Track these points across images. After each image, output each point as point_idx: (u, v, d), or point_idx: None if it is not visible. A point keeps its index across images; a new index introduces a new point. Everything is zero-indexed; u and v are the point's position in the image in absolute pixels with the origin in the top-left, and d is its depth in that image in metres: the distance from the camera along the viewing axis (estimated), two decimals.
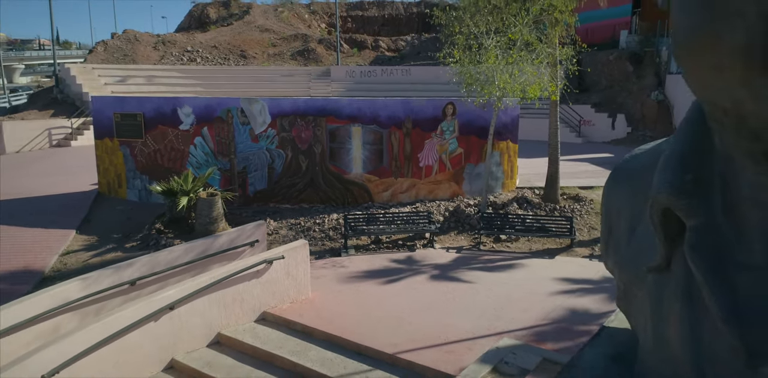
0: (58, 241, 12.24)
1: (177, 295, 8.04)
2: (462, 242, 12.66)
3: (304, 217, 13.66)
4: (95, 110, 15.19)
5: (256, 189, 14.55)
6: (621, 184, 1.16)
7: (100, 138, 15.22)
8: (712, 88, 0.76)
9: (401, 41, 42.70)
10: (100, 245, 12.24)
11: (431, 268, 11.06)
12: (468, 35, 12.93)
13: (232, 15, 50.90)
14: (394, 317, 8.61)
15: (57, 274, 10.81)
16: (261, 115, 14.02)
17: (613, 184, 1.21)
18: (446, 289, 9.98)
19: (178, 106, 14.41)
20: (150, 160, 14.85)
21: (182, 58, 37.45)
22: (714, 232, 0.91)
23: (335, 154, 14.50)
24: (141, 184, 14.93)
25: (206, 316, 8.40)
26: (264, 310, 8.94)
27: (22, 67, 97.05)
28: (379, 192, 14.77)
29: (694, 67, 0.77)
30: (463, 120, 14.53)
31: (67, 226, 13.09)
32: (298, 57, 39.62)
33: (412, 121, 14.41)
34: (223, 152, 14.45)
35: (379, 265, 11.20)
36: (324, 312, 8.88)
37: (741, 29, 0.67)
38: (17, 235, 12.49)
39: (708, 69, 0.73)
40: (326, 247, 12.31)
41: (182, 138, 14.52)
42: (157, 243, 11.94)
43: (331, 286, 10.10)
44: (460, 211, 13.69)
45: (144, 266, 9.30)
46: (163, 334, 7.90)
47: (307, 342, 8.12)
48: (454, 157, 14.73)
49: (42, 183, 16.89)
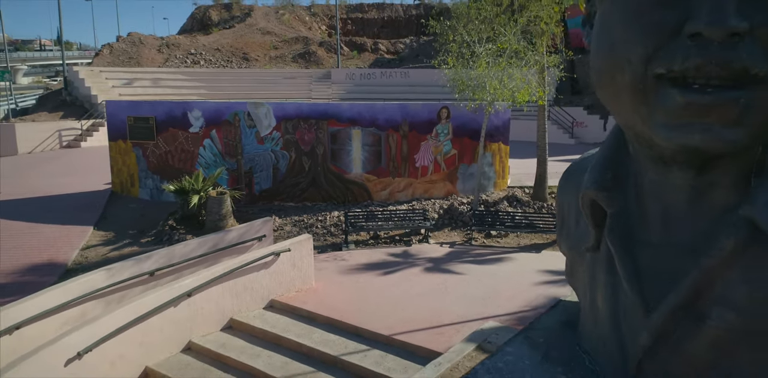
0: (78, 236, 13.11)
1: (194, 283, 8.87)
2: (455, 238, 13.51)
3: (307, 215, 14.53)
4: (109, 114, 16.06)
5: (261, 188, 15.43)
6: (569, 183, 1.36)
7: (113, 140, 16.09)
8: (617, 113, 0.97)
9: (400, 44, 43.52)
10: (116, 240, 13.10)
11: (425, 262, 11.90)
12: (461, 43, 13.79)
13: (233, 17, 51.66)
14: (390, 304, 9.45)
15: (79, 266, 11.66)
16: (266, 119, 14.90)
17: (564, 183, 1.40)
18: (439, 280, 10.82)
19: (188, 109, 15.29)
20: (161, 161, 15.73)
21: (186, 61, 38.31)
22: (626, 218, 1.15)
23: (336, 155, 15.37)
24: (153, 184, 15.80)
25: (220, 302, 9.23)
26: (272, 298, 9.78)
27: (25, 68, 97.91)
28: (377, 191, 15.64)
29: (604, 97, 1.00)
30: (457, 123, 15.40)
31: (85, 223, 13.96)
32: (299, 59, 40.49)
33: (408, 124, 15.29)
34: (230, 153, 15.33)
35: (378, 259, 12.04)
36: (326, 300, 9.72)
37: (629, 71, 0.90)
38: (40, 231, 13.36)
39: (612, 99, 0.97)
40: (328, 242, 13.16)
41: (192, 140, 15.40)
42: (171, 238, 12.80)
43: (332, 277, 10.94)
44: (454, 208, 14.54)
45: (162, 258, 10.15)
46: (182, 319, 8.72)
47: (311, 326, 8.97)
48: (449, 158, 15.60)
49: (57, 183, 17.76)
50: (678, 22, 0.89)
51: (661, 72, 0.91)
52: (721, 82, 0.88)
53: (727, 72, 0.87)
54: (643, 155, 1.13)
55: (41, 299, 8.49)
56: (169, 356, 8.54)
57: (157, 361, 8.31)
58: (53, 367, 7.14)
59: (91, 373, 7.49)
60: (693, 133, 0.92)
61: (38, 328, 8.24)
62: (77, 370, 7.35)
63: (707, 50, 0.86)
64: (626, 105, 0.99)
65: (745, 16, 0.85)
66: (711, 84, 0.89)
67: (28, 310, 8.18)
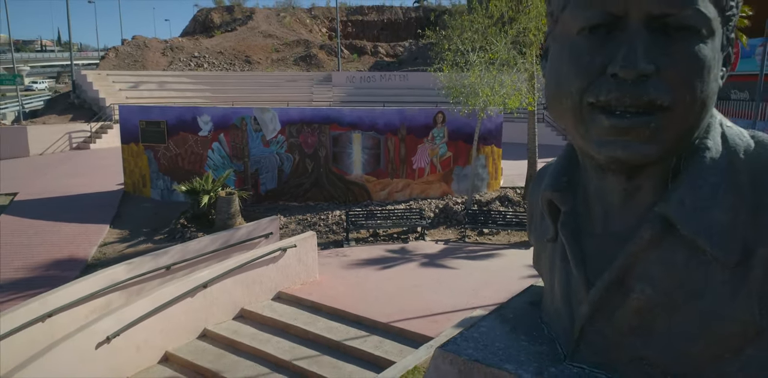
0: (96, 234, 13.92)
1: (209, 276, 9.67)
2: (449, 235, 14.33)
3: (310, 214, 15.35)
4: (122, 118, 16.87)
5: (267, 188, 16.26)
6: (536, 186, 1.59)
7: (126, 143, 16.92)
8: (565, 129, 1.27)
9: (399, 47, 44.20)
10: (132, 238, 13.91)
11: (421, 257, 12.71)
12: (455, 52, 14.63)
13: (235, 20, 52.29)
14: (388, 296, 10.26)
15: (98, 262, 12.46)
16: (272, 123, 15.74)
17: (533, 185, 1.64)
18: (433, 274, 11.64)
19: (197, 114, 16.13)
20: (172, 163, 16.56)
21: (190, 64, 39.07)
22: (576, 215, 1.42)
23: (338, 158, 16.20)
24: (163, 184, 16.63)
25: (232, 294, 10.03)
26: (279, 289, 10.59)
27: (28, 69, 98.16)
28: (376, 191, 16.46)
29: (554, 116, 1.31)
30: (452, 127, 16.23)
31: (101, 222, 14.77)
32: (301, 62, 41.23)
33: (406, 128, 16.11)
34: (237, 156, 16.16)
35: (377, 255, 12.86)
36: (329, 291, 10.54)
37: (567, 99, 1.21)
38: (60, 229, 14.17)
39: (560, 119, 1.27)
40: (330, 240, 13.99)
41: (201, 143, 16.23)
42: (183, 236, 13.62)
43: (335, 271, 11.76)
44: (449, 208, 15.37)
45: (177, 254, 10.95)
46: (198, 308, 9.52)
47: (316, 315, 9.78)
48: (444, 160, 16.43)
49: (72, 183, 18.55)
50: (603, 65, 1.16)
51: (592, 101, 1.18)
52: (636, 110, 1.15)
53: (638, 103, 1.13)
54: (588, 164, 1.38)
55: (70, 290, 9.28)
56: (187, 342, 9.34)
57: (177, 346, 9.11)
58: (86, 350, 7.94)
59: (120, 356, 8.30)
60: (617, 148, 1.20)
61: (68, 316, 9.03)
62: (107, 353, 8.15)
63: (623, 86, 1.13)
64: (569, 124, 1.26)
65: (652, 60, 1.11)
66: (629, 111, 1.15)
67: (59, 300, 8.97)
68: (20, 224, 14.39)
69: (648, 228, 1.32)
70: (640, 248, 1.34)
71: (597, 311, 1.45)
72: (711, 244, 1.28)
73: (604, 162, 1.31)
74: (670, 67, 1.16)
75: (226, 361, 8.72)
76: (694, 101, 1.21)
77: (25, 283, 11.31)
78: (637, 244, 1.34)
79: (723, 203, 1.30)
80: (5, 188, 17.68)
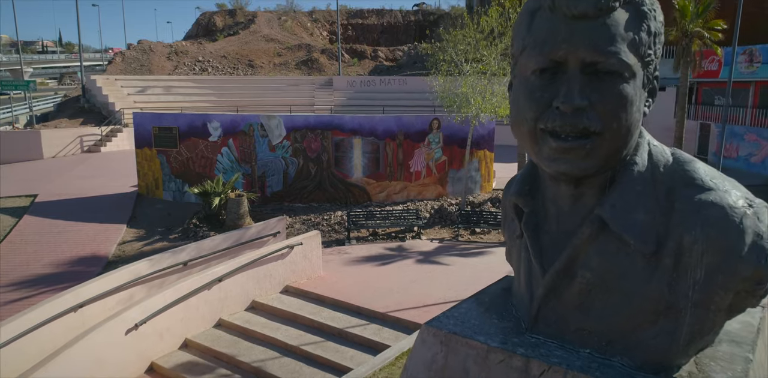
0: (114, 233, 14.92)
1: (223, 271, 10.62)
2: (444, 234, 15.32)
3: (313, 214, 16.36)
4: (136, 124, 17.88)
5: (273, 190, 17.27)
6: (506, 191, 1.98)
7: (140, 147, 17.93)
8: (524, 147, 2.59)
9: (399, 51, 45.04)
10: (147, 236, 14.91)
11: (417, 255, 13.70)
12: (450, 62, 15.62)
13: (237, 23, 53.04)
14: (386, 289, 11.23)
15: (118, 259, 13.46)
16: (277, 129, 16.75)
17: (505, 189, 1.99)
18: (428, 269, 12.63)
19: (207, 121, 17.15)
20: (183, 166, 17.57)
21: (194, 68, 40.02)
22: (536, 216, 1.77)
23: (339, 161, 17.21)
24: (175, 186, 17.65)
25: (244, 287, 10.98)
26: (287, 283, 11.57)
27: (31, 70, 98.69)
28: (376, 193, 17.47)
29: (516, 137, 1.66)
30: (447, 133, 17.24)
31: (119, 221, 15.76)
32: (303, 66, 42.16)
33: (403, 134, 17.13)
34: (245, 160, 17.18)
35: (376, 252, 13.84)
36: (332, 285, 11.52)
37: (525, 125, 1.57)
38: (80, 228, 15.16)
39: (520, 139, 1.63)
40: (333, 238, 14.98)
41: (211, 148, 17.25)
42: (195, 234, 14.63)
43: (337, 267, 12.75)
44: (444, 209, 16.36)
45: (193, 251, 11.92)
46: (214, 300, 10.46)
47: (321, 306, 10.75)
48: (439, 163, 17.45)
49: (87, 185, 19.54)
50: (549, 100, 1.51)
51: (542, 127, 1.51)
52: (575, 135, 1.48)
53: (576, 129, 1.47)
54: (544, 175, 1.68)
55: (98, 284, 10.25)
56: (204, 330, 10.30)
57: (195, 334, 10.07)
58: (117, 335, 8.88)
59: (145, 342, 9.26)
60: (561, 164, 1.52)
61: (97, 307, 9.98)
62: (135, 339, 9.09)
63: (564, 117, 1.47)
64: (527, 144, 1.59)
65: (585, 97, 1.45)
66: (570, 135, 1.48)
67: (89, 292, 9.92)
68: (44, 224, 15.39)
69: (588, 226, 1.64)
70: (582, 242, 1.65)
71: (550, 292, 1.77)
72: (633, 238, 1.60)
73: (554, 174, 1.61)
74: (600, 102, 1.48)
75: (240, 347, 9.69)
76: (620, 128, 1.54)
77: (55, 278, 12.31)
78: (580, 239, 1.65)
79: (644, 207, 1.61)
80: (25, 190, 18.69)
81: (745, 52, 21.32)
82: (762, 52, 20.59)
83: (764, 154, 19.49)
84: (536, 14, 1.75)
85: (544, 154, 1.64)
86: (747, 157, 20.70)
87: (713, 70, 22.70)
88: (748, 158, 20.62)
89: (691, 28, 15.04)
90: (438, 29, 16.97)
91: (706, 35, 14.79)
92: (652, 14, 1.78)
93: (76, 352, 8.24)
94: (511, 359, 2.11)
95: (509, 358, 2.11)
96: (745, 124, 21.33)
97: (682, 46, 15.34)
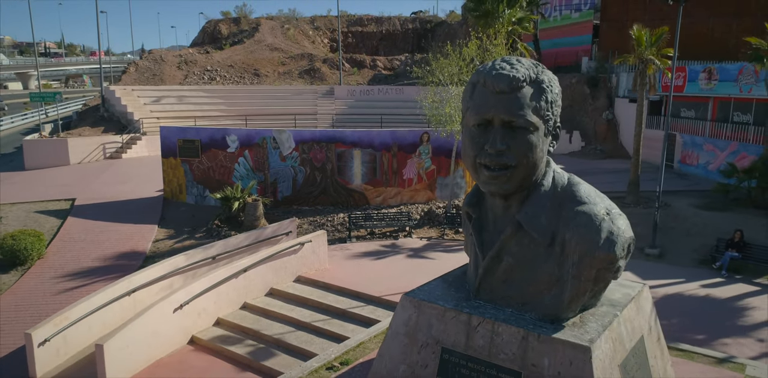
0: (148, 232, 17.31)
1: (247, 263, 12.95)
2: (432, 233, 17.71)
3: (319, 216, 18.77)
4: (163, 136, 20.27)
5: (283, 195, 19.70)
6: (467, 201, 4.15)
7: (165, 157, 20.34)
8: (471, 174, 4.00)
9: (396, 61, 47.21)
10: (177, 235, 17.30)
11: (408, 251, 16.09)
12: (437, 83, 18.00)
13: (242, 31, 55.03)
14: (381, 278, 13.60)
15: (154, 254, 15.82)
16: (288, 142, 19.19)
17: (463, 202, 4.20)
18: (416, 262, 15.01)
19: (226, 134, 19.59)
20: (204, 174, 20.00)
21: (204, 77, 42.27)
22: (481, 220, 4.02)
23: (341, 170, 19.62)
24: (197, 191, 20.07)
25: (264, 277, 13.32)
26: (299, 274, 13.94)
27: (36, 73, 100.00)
28: (373, 197, 19.89)
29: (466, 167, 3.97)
30: (435, 145, 19.65)
31: (150, 222, 18.15)
32: (305, 75, 44.39)
33: (397, 146, 19.55)
34: (259, 168, 19.59)
35: (373, 249, 16.24)
36: (337, 275, 13.90)
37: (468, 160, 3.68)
38: (118, 228, 17.54)
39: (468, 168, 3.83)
40: (336, 237, 17.38)
41: (229, 158, 19.67)
42: (218, 233, 17.02)
43: (340, 261, 15.14)
44: (432, 211, 18.76)
45: (220, 247, 14.28)
46: (240, 287, 12.79)
47: (327, 292, 13.13)
48: (429, 172, 19.88)
49: (117, 190, 21.91)
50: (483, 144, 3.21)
51: (479, 162, 3.20)
52: (499, 167, 3.17)
53: (500, 164, 3.18)
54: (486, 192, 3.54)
55: (145, 274, 12.61)
56: (232, 311, 12.65)
57: (225, 314, 12.41)
58: (167, 313, 11.19)
59: (187, 319, 11.58)
60: (491, 186, 3.28)
61: (144, 293, 12.34)
62: (179, 317, 11.41)
63: (492, 156, 3.21)
64: (471, 172, 3.42)
65: (505, 143, 3.15)
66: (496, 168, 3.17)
67: (138, 280, 12.28)
68: (86, 224, 17.79)
69: (511, 227, 3.08)
70: (507, 237, 3.10)
71: (487, 271, 3.25)
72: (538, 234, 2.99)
73: (488, 193, 3.13)
74: (514, 147, 2.75)
75: (262, 324, 12.04)
76: (528, 163, 2.87)
77: (103, 270, 14.69)
78: (506, 235, 3.09)
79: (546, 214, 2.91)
80: (63, 194, 21.09)
81: (705, 70, 23.74)
82: (719, 71, 23.01)
83: (719, 162, 21.89)
84: (476, 87, 3.00)
85: (481, 180, 2.98)
86: (705, 165, 23.11)
87: (679, 85, 25.14)
88: (706, 166, 23.03)
89: (645, 55, 17.42)
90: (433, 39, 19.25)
91: (656, 62, 17.16)
92: (549, 89, 3.03)
93: (138, 325, 10.55)
94: (459, 316, 3.91)
95: (458, 315, 3.89)
96: (705, 135, 23.73)
97: (639, 71, 17.72)
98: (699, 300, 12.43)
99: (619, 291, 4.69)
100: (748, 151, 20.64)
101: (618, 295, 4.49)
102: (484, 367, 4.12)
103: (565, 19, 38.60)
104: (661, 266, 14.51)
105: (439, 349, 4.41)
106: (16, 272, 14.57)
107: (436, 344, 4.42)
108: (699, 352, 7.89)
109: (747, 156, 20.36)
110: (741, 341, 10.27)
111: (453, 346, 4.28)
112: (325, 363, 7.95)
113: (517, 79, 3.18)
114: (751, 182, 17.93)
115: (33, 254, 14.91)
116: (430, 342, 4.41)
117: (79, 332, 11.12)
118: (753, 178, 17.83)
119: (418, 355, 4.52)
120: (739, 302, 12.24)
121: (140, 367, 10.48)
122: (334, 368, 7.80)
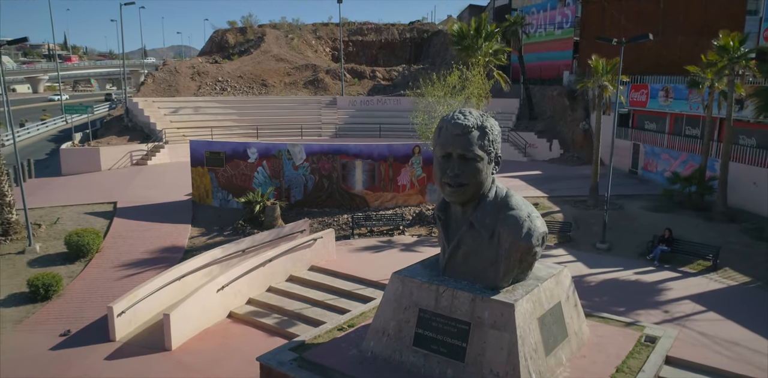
0: (184, 230, 20.56)
1: (271, 255, 16.15)
2: (422, 232, 20.96)
3: (326, 217, 22.04)
4: (192, 149, 23.56)
5: (296, 199, 22.99)
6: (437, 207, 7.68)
7: (194, 166, 23.64)
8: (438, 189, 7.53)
9: (394, 71, 50.48)
10: (208, 233, 20.57)
11: (401, 246, 19.34)
12: (426, 104, 21.24)
13: (248, 40, 58.20)
14: (378, 267, 16.75)
15: (191, 248, 19.04)
16: (300, 154, 22.50)
17: None
18: (408, 255, 18.21)
19: (247, 147, 22.90)
20: (228, 181, 23.30)
21: (216, 88, 45.52)
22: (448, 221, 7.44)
23: (345, 178, 22.93)
24: (222, 196, 23.37)
25: (285, 266, 16.54)
26: (312, 264, 17.17)
27: (46, 78, 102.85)
28: (372, 201, 23.18)
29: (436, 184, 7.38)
30: (425, 156, 22.95)
31: (184, 222, 21.41)
32: (310, 86, 47.64)
33: (393, 157, 22.85)
34: (275, 176, 22.89)
35: (372, 244, 19.49)
36: (343, 265, 17.15)
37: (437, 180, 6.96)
38: (158, 228, 20.79)
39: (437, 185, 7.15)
40: (341, 234, 20.63)
41: (249, 167, 22.97)
42: (243, 231, 20.28)
43: (345, 254, 18.40)
44: (423, 213, 22.04)
45: (248, 242, 17.47)
46: (266, 274, 15.98)
47: (335, 278, 16.34)
48: (420, 179, 23.18)
49: (151, 194, 25.14)
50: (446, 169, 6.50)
51: (444, 181, 6.54)
52: (457, 185, 6.44)
53: (457, 183, 6.45)
54: None
55: (190, 264, 15.78)
56: (260, 293, 15.85)
57: (255, 295, 15.59)
58: (211, 293, 14.36)
59: (227, 298, 14.76)
60: (452, 197, 6.68)
61: (190, 278, 15.51)
62: (221, 296, 14.55)
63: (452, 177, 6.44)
64: (438, 187, 6.91)
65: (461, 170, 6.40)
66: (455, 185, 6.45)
67: (185, 268, 15.44)
68: (131, 224, 21.06)
69: (466, 226, 6.68)
70: (463, 233, 6.71)
71: (450, 257, 6.93)
72: (484, 230, 6.48)
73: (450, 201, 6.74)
74: (467, 171, 6.11)
75: (285, 301, 15.26)
76: (476, 182, 6.28)
77: (151, 261, 17.93)
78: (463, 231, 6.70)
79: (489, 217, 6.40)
80: (105, 198, 24.38)
81: (663, 88, 27.05)
82: (674, 90, 26.31)
83: (672, 170, 25.19)
84: (441, 130, 6.27)
85: (445, 193, 6.42)
86: (662, 172, 26.41)
87: (642, 101, 28.44)
88: (662, 173, 26.34)
89: (602, 81, 20.67)
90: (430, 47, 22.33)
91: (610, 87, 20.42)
92: (491, 132, 6.04)
93: (191, 302, 13.71)
94: (431, 286, 7.20)
95: (430, 285, 7.18)
96: (663, 146, 27.04)
97: (595, 95, 20.97)
98: (629, 283, 15.73)
99: (545, 270, 7.90)
100: (694, 161, 23.93)
101: (543, 273, 7.62)
102: (447, 320, 7.10)
103: (549, 35, 41.81)
104: (607, 258, 17.80)
105: (418, 309, 7.33)
106: (80, 263, 17.79)
107: (416, 306, 7.37)
108: (614, 318, 10.20)
109: (694, 165, 23.64)
110: (651, 312, 13.57)
111: (426, 307, 7.23)
112: (336, 325, 10.61)
113: (468, 126, 5.95)
114: (692, 188, 21.22)
115: (93, 249, 18.15)
116: (411, 305, 7.41)
117: (144, 307, 14.34)
118: (693, 184, 21.12)
119: (403, 314, 7.52)
120: (660, 285, 15.54)
121: (193, 334, 13.63)
122: (343, 329, 10.39)
